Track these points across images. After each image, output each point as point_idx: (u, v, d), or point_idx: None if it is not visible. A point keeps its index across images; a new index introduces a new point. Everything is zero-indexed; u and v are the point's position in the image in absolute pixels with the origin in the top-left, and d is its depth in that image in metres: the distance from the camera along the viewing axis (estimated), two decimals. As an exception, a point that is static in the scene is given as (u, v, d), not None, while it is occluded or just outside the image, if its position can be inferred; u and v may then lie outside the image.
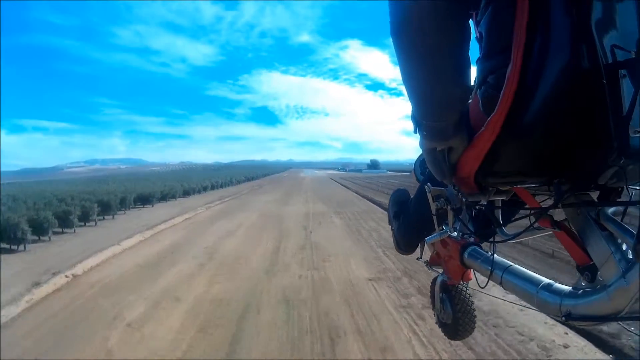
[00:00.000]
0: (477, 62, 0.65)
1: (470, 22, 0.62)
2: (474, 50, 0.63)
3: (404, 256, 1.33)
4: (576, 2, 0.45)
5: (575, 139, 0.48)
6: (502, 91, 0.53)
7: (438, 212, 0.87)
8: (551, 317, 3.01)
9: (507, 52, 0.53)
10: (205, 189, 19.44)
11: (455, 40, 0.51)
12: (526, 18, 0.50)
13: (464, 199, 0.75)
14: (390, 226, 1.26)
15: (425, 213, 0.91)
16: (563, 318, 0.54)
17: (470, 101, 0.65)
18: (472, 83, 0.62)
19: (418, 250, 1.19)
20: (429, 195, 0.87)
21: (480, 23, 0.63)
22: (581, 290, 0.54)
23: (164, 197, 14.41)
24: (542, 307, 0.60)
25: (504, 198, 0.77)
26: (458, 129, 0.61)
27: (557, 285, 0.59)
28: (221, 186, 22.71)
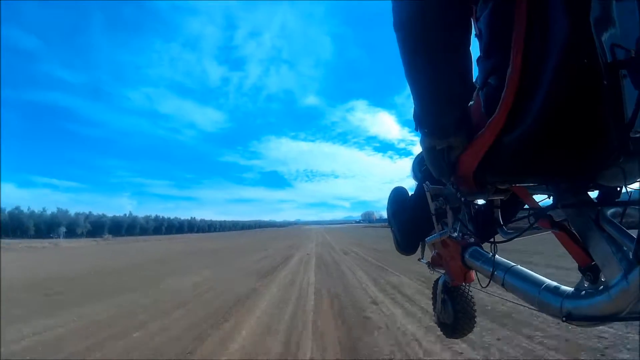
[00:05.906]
0: (477, 61, 0.63)
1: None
2: (474, 49, 0.61)
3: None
4: (575, 0, 0.44)
5: (574, 138, 0.47)
6: (502, 93, 0.53)
7: (437, 211, 0.85)
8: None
9: (506, 50, 0.51)
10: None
11: (458, 35, 0.51)
12: (525, 17, 0.48)
13: (462, 198, 0.74)
14: (390, 227, 1.24)
15: (425, 212, 0.89)
16: (564, 319, 0.53)
17: (472, 103, 0.64)
18: (474, 82, 0.61)
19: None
20: (427, 194, 0.85)
21: (480, 19, 0.61)
22: (583, 292, 0.54)
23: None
24: (542, 308, 0.59)
25: (502, 198, 0.76)
26: (459, 128, 0.61)
27: (560, 286, 0.58)
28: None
